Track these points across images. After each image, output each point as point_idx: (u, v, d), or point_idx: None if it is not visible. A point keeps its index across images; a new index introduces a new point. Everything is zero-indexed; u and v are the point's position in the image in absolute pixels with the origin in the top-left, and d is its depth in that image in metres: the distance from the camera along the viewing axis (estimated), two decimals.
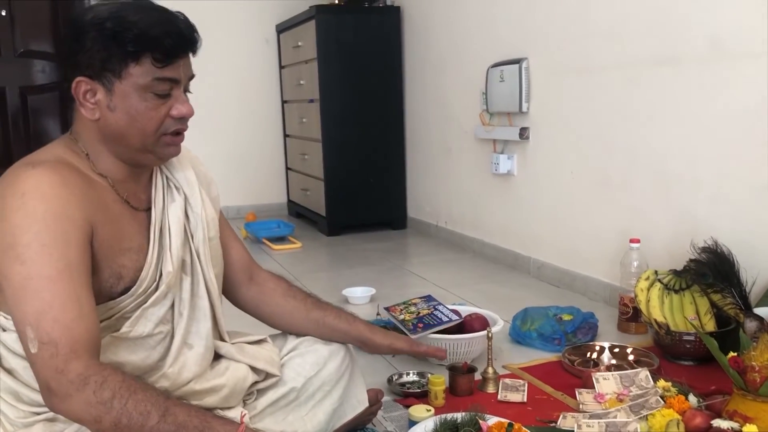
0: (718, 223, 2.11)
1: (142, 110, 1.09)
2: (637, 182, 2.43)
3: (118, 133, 1.10)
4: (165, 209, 1.20)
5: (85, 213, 1.04)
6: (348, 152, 4.04)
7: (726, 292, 1.95)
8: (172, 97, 1.11)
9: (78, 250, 1.02)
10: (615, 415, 1.54)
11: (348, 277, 3.08)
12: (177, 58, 1.09)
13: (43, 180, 1.02)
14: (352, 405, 1.45)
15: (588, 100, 2.62)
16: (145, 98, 1.09)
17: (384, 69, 4.04)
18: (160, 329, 1.15)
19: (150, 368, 1.15)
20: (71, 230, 1.01)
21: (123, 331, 1.11)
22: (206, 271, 1.24)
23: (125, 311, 1.11)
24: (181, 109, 1.12)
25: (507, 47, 3.05)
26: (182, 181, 1.24)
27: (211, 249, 1.26)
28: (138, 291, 1.12)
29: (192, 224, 1.23)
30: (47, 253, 0.98)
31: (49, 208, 1.00)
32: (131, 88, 1.07)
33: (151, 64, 1.07)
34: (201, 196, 1.25)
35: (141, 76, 1.07)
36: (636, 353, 2.00)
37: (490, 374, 1.81)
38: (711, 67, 2.10)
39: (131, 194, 1.17)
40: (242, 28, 4.64)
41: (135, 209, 1.17)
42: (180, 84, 1.12)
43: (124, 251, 1.11)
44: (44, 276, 0.98)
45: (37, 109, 5.58)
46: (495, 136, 3.17)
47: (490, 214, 3.36)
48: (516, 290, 2.82)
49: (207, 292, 1.24)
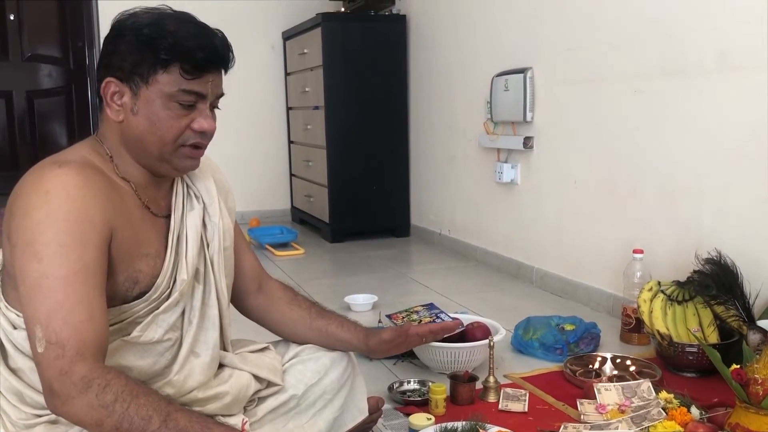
0: (723, 235, 2.11)
1: (163, 118, 1.10)
2: (642, 193, 2.42)
3: (138, 137, 1.11)
4: (184, 217, 1.21)
5: (106, 216, 1.05)
6: (352, 159, 4.05)
7: (729, 304, 1.94)
8: (196, 110, 1.12)
9: (95, 252, 1.02)
10: (616, 426, 1.53)
11: (350, 284, 3.08)
12: (206, 73, 1.10)
13: (68, 180, 1.03)
14: (352, 414, 1.44)
15: (593, 111, 2.62)
16: (169, 107, 1.10)
17: (389, 77, 4.05)
18: (169, 336, 1.15)
19: (156, 374, 1.15)
20: (91, 232, 1.02)
21: (133, 336, 1.11)
22: (218, 280, 1.24)
23: (137, 316, 1.12)
24: (203, 124, 1.13)
25: (512, 57, 3.06)
26: (202, 191, 1.25)
27: (225, 259, 1.27)
28: (153, 296, 1.12)
29: (209, 233, 1.24)
30: (64, 254, 0.99)
31: (71, 208, 1.01)
32: (156, 95, 1.09)
33: (179, 74, 1.08)
34: (219, 206, 1.26)
35: (167, 85, 1.08)
36: (638, 364, 1.99)
37: (492, 383, 1.81)
38: (717, 79, 2.10)
39: (152, 200, 1.18)
40: (248, 34, 4.66)
41: (155, 215, 1.18)
42: (206, 99, 1.13)
43: (141, 256, 1.12)
44: (59, 276, 0.98)
45: (44, 113, 5.61)
46: (499, 145, 3.17)
47: (493, 223, 3.36)
48: (518, 299, 2.81)
49: (217, 302, 1.24)
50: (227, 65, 1.15)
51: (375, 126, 4.06)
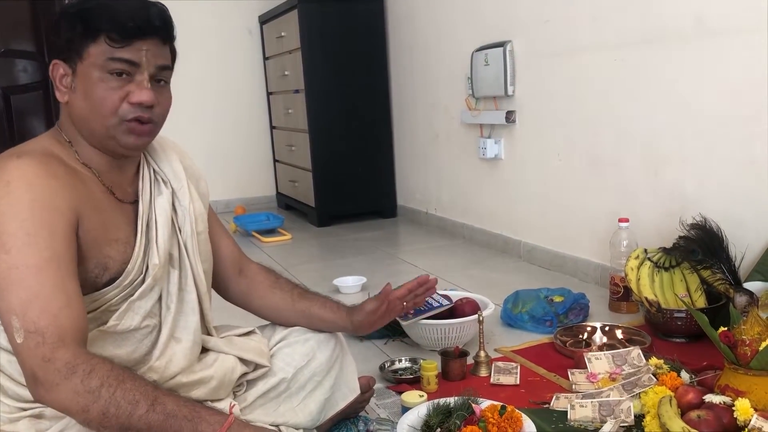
0: (706, 200, 2.11)
1: (98, 92, 1.07)
2: (625, 162, 2.42)
3: (81, 116, 1.09)
4: (152, 202, 1.19)
5: (70, 203, 1.03)
6: (335, 142, 4.02)
7: (716, 268, 1.95)
8: (133, 82, 1.08)
9: (64, 239, 1.01)
10: (608, 394, 1.54)
11: (339, 267, 3.07)
12: (134, 39, 1.06)
13: (29, 170, 1.01)
14: (343, 394, 1.44)
15: (574, 82, 2.61)
16: (103, 79, 1.07)
17: (369, 57, 4.02)
18: (147, 322, 1.14)
19: (137, 362, 1.14)
20: (57, 220, 1.00)
21: (110, 325, 1.10)
22: (194, 264, 1.23)
23: (111, 303, 1.10)
24: (140, 95, 1.08)
25: (491, 30, 3.03)
26: (170, 175, 1.23)
27: (199, 243, 1.25)
28: (124, 283, 1.11)
29: (180, 218, 1.22)
30: (33, 243, 0.97)
31: (35, 197, 0.99)
32: (90, 68, 1.06)
33: (106, 43, 1.05)
34: (189, 191, 1.24)
35: (97, 56, 1.06)
36: (627, 332, 2.00)
37: (482, 358, 1.81)
38: (696, 44, 2.09)
39: (116, 186, 1.16)
40: (224, 20, 4.60)
41: (121, 201, 1.16)
42: (141, 68, 1.08)
43: (110, 242, 1.10)
44: (30, 265, 0.97)
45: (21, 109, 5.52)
46: (481, 120, 3.16)
47: (479, 200, 3.35)
48: (507, 274, 2.81)
49: (195, 287, 1.22)
50: (163, 33, 1.10)
51: (357, 107, 4.03)
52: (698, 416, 1.33)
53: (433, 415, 1.43)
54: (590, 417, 1.47)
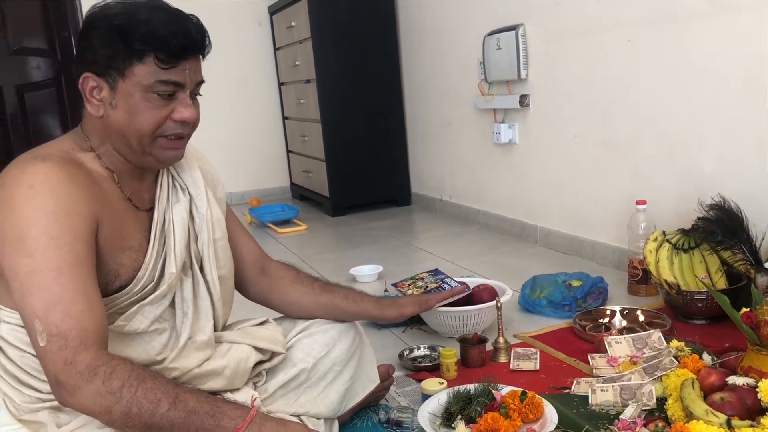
0: (725, 180, 2.09)
1: (142, 110, 1.07)
2: (641, 144, 2.40)
3: (119, 131, 1.09)
4: (170, 210, 1.19)
5: (91, 209, 1.04)
6: (348, 131, 4.01)
7: (736, 249, 1.93)
8: (176, 100, 1.09)
9: (85, 244, 1.01)
10: (629, 377, 1.53)
11: (355, 256, 3.07)
12: (182, 60, 1.07)
13: (52, 174, 1.01)
14: (363, 384, 1.44)
15: (587, 63, 2.59)
16: (147, 98, 1.07)
17: (379, 44, 4.00)
18: (156, 326, 1.15)
19: (147, 363, 1.13)
20: (79, 224, 1.01)
21: (117, 325, 1.10)
22: (208, 272, 1.23)
23: (119, 308, 1.11)
24: (184, 113, 1.09)
25: (502, 14, 3.01)
26: (188, 181, 1.23)
27: (216, 250, 1.25)
28: (134, 290, 1.11)
29: (197, 225, 1.23)
30: (56, 246, 0.98)
31: (57, 201, 1.00)
32: (134, 87, 1.06)
33: (155, 64, 1.05)
34: (207, 197, 1.24)
35: (144, 76, 1.05)
36: (647, 315, 1.98)
37: (501, 344, 1.80)
38: (710, 21, 2.06)
39: (135, 193, 1.16)
40: (234, 12, 4.59)
41: (137, 208, 1.16)
42: (185, 88, 1.09)
43: (124, 249, 1.11)
44: (53, 269, 0.97)
45: (35, 106, 5.56)
46: (495, 105, 3.13)
47: (494, 185, 3.34)
48: (524, 259, 2.80)
49: (209, 294, 1.23)
50: (203, 51, 1.12)
51: (369, 96, 4.02)
52: (721, 398, 1.32)
53: (454, 402, 1.43)
54: (612, 401, 1.47)
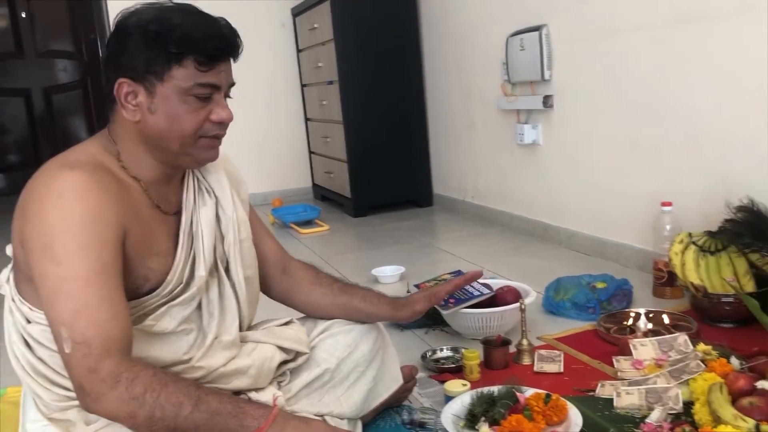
0: (753, 181, 2.05)
1: (182, 113, 1.09)
2: (667, 144, 2.37)
3: (158, 135, 1.10)
4: (197, 212, 1.20)
5: (119, 217, 1.05)
6: (370, 132, 4.02)
7: (765, 251, 1.90)
8: (213, 101, 1.11)
9: (113, 252, 1.03)
10: (654, 381, 1.51)
11: (377, 256, 3.07)
12: (219, 62, 1.10)
13: (81, 182, 1.02)
14: (386, 384, 1.44)
15: (612, 63, 2.56)
16: (186, 101, 1.09)
17: (402, 45, 4.00)
18: (183, 327, 1.16)
19: (173, 362, 1.15)
20: (107, 233, 1.02)
21: (146, 324, 1.11)
22: (234, 273, 1.24)
23: (148, 309, 1.12)
24: (221, 114, 1.12)
25: (525, 15, 2.99)
26: (214, 184, 1.25)
27: (242, 251, 1.26)
28: (163, 292, 1.13)
29: (223, 226, 1.24)
30: (84, 255, 0.99)
31: (86, 209, 1.01)
32: (172, 90, 1.08)
33: (194, 67, 1.07)
34: (233, 198, 1.26)
35: (183, 79, 1.07)
36: (673, 318, 1.96)
37: (525, 346, 1.79)
38: (737, 20, 2.03)
39: (162, 198, 1.17)
40: (258, 14, 4.61)
41: (164, 213, 1.17)
42: (221, 89, 1.12)
43: (152, 255, 1.12)
44: (81, 278, 0.98)
45: (62, 108, 5.65)
46: (518, 106, 3.12)
47: (517, 186, 3.32)
48: (547, 261, 2.78)
49: (234, 294, 1.24)
50: (237, 53, 1.14)
51: (391, 97, 4.02)
52: (750, 403, 1.30)
53: (477, 404, 1.42)
54: (637, 404, 1.45)
